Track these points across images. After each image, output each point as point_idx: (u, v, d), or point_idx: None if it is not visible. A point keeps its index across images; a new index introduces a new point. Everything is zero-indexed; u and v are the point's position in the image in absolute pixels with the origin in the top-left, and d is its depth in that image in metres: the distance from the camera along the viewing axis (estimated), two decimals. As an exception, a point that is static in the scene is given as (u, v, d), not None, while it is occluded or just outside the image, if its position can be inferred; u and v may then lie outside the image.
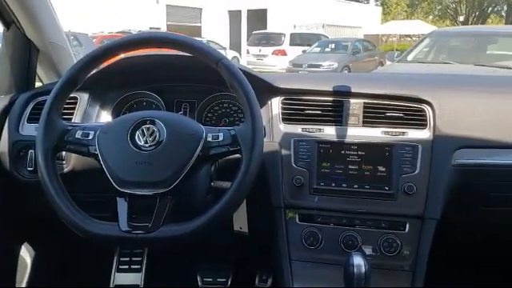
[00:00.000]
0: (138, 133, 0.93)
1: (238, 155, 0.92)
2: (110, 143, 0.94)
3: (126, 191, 0.90)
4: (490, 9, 30.87)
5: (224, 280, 1.64)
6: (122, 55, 1.13)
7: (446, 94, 1.22)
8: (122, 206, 0.90)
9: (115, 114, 1.34)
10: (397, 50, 11.65)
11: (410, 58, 5.75)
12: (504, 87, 1.34)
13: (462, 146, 1.16)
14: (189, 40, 0.97)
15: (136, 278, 1.54)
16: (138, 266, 1.55)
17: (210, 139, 0.93)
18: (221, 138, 0.93)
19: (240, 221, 1.32)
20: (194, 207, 1.00)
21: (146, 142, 0.92)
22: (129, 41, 0.98)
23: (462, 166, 1.15)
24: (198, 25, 21.49)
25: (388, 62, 6.68)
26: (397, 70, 5.45)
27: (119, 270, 1.56)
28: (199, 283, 1.64)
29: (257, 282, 1.61)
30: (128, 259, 1.56)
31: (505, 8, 30.59)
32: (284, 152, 1.20)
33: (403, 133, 1.17)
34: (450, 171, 1.15)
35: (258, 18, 19.88)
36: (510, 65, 4.79)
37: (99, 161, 0.93)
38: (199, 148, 0.91)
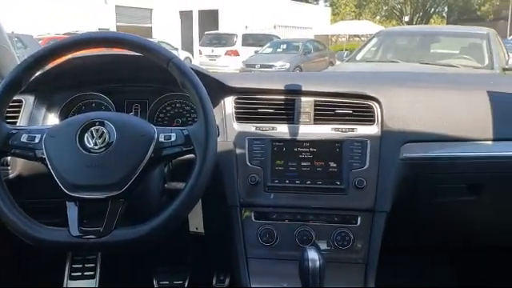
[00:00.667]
0: (86, 135, 0.90)
1: (191, 155, 0.92)
2: (57, 146, 0.91)
3: (75, 195, 0.87)
4: (433, 10, 32.24)
5: (181, 282, 1.62)
6: (70, 56, 1.10)
7: (392, 91, 1.27)
8: (73, 211, 0.88)
9: (63, 117, 1.30)
10: (346, 49, 11.92)
11: (358, 57, 5.90)
12: (445, 83, 1.41)
13: (409, 141, 1.21)
14: (139, 39, 0.96)
15: (90, 284, 1.50)
16: (92, 273, 1.51)
17: (162, 139, 0.92)
18: (173, 138, 0.92)
19: (196, 221, 1.32)
20: (147, 209, 0.99)
21: (95, 144, 0.89)
22: (75, 41, 0.96)
23: (409, 160, 1.20)
24: (149, 26, 21.11)
25: (338, 62, 6.83)
26: (346, 69, 5.58)
27: (72, 278, 1.51)
28: (155, 287, 1.61)
29: (214, 282, 1.61)
30: (81, 266, 1.51)
31: (446, 9, 32.13)
32: (238, 151, 1.20)
33: (352, 129, 1.21)
34: (398, 165, 1.19)
35: (210, 18, 19.81)
36: (452, 63, 5.02)
37: (47, 165, 0.90)
38: (151, 149, 0.90)
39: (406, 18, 30.51)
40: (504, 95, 1.30)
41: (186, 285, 1.63)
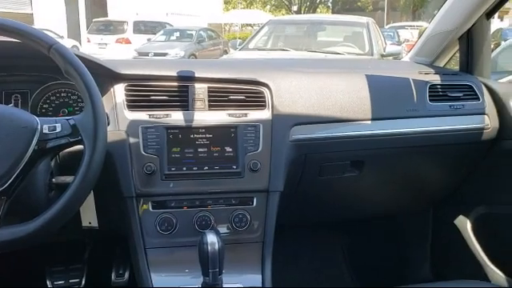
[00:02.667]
0: None
1: (80, 146, 0.88)
2: None
3: None
4: (319, 0, 33.87)
5: (77, 281, 1.55)
6: None
7: (281, 76, 1.32)
8: None
9: None
10: (239, 38, 12.08)
11: (251, 45, 6.02)
12: (328, 68, 1.50)
13: (297, 123, 1.27)
14: (15, 23, 0.88)
15: None
16: None
17: (46, 131, 0.86)
18: (58, 129, 0.87)
19: (88, 215, 1.26)
20: (35, 206, 0.93)
21: None
22: None
23: (298, 141, 1.26)
24: (29, 12, 19.34)
25: (232, 50, 6.91)
26: (239, 57, 5.67)
27: None
28: (49, 287, 1.52)
29: (113, 277, 1.56)
30: None
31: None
32: (132, 140, 1.17)
33: (246, 114, 1.24)
34: (288, 146, 1.25)
35: (98, 5, 18.72)
36: (337, 50, 5.36)
37: None
38: (34, 141, 0.85)
39: (295, 8, 31.68)
40: (381, 78, 1.43)
41: (83, 283, 1.56)
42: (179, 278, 1.16)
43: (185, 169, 1.19)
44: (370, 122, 1.33)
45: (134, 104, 1.21)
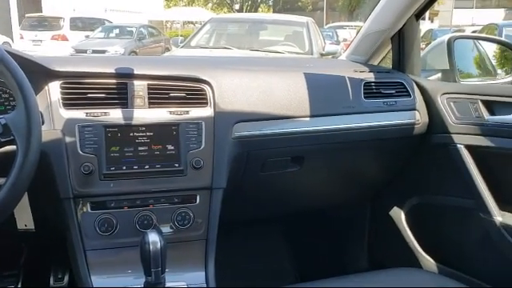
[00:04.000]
0: None
1: (12, 147, 0.84)
2: None
3: None
4: (260, -1, 34.20)
5: (13, 287, 1.48)
6: None
7: (223, 74, 1.32)
8: None
9: None
10: (181, 36, 11.95)
11: (193, 43, 5.97)
12: (268, 66, 1.53)
13: (240, 120, 1.28)
14: None
15: None
16: None
17: None
18: None
19: (24, 218, 1.21)
20: None
21: None
22: None
23: (240, 139, 1.27)
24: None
25: (174, 48, 6.82)
26: (181, 55, 5.61)
27: None
28: None
29: (52, 281, 1.51)
30: None
31: (272, -1, 34.41)
32: (68, 139, 1.13)
33: (187, 111, 1.23)
34: (230, 144, 1.26)
35: (31, 0, 17.84)
36: (279, 49, 5.44)
37: None
38: None
39: (237, 6, 31.79)
40: (318, 76, 1.47)
41: None
42: (121, 278, 1.14)
43: (124, 168, 1.16)
44: (308, 118, 1.36)
45: (70, 102, 1.17)
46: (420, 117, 1.50)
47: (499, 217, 1.34)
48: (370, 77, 1.51)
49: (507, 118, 1.33)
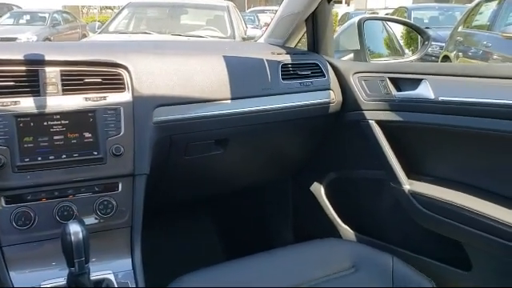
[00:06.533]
0: None
1: None
2: None
3: None
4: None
5: None
6: None
7: (141, 58, 1.30)
8: None
9: None
10: (98, 21, 11.43)
11: (111, 28, 5.75)
12: (188, 50, 1.53)
13: (160, 105, 1.27)
14: None
15: None
16: None
17: None
18: None
19: None
20: None
21: None
22: None
23: (161, 123, 1.27)
24: None
25: (91, 34, 6.52)
26: (99, 40, 5.39)
27: None
28: None
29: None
30: None
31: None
32: None
33: (104, 97, 1.20)
34: (151, 129, 1.24)
35: None
36: (201, 34, 5.39)
37: None
38: None
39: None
40: (237, 59, 1.49)
41: None
42: (43, 272, 1.11)
43: (40, 159, 1.12)
44: (229, 101, 1.38)
45: None
46: (334, 96, 1.58)
47: (407, 185, 1.46)
48: (287, 59, 1.55)
49: (412, 94, 1.44)
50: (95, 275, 1.10)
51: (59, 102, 1.15)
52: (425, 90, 1.39)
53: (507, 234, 1.21)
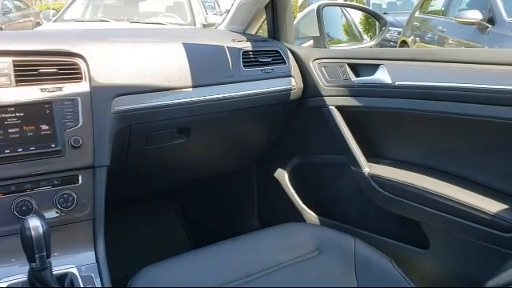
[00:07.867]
0: None
1: None
2: None
3: None
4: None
5: None
6: None
7: (98, 47, 1.27)
8: None
9: None
10: (53, 9, 11.03)
11: (66, 17, 5.57)
12: (147, 38, 1.50)
13: (119, 94, 1.24)
14: None
15: None
16: None
17: None
18: None
19: None
20: None
21: None
22: None
23: (120, 113, 1.24)
24: None
25: (45, 22, 6.28)
26: (54, 29, 5.21)
27: None
28: None
29: None
30: None
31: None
32: None
33: (60, 88, 1.16)
34: (111, 119, 1.22)
35: None
36: (160, 21, 5.30)
37: None
38: None
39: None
40: (197, 46, 1.48)
41: None
42: (2, 269, 1.08)
43: None
44: (190, 89, 1.37)
45: None
46: (295, 82, 1.60)
47: (367, 168, 1.50)
48: (247, 46, 1.55)
49: (370, 79, 1.47)
50: (58, 270, 1.08)
51: (13, 93, 1.12)
52: (382, 75, 1.43)
53: (464, 213, 1.26)
